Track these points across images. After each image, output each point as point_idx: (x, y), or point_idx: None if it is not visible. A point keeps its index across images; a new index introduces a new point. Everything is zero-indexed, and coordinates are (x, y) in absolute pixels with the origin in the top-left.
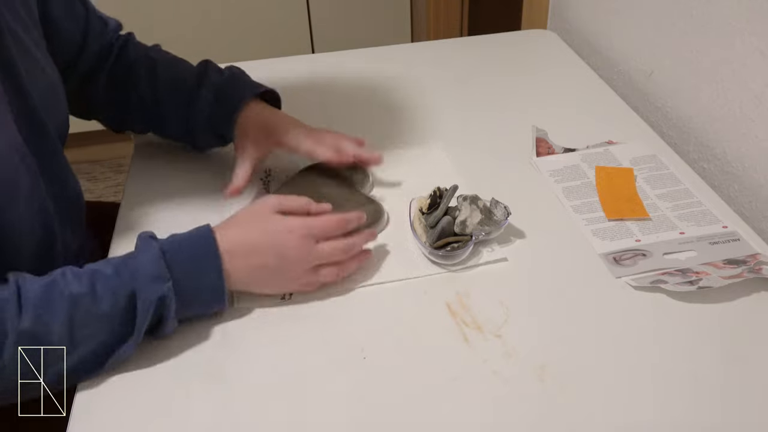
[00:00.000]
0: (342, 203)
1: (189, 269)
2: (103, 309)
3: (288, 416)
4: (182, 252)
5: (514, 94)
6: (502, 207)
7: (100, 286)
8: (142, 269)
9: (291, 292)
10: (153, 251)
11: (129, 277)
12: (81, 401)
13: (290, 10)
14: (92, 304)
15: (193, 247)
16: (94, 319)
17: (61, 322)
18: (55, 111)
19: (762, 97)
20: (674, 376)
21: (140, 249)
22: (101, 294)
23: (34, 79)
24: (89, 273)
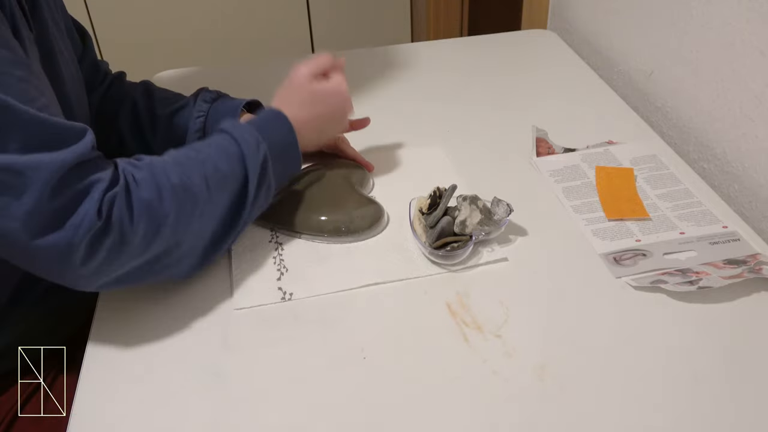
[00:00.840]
0: (342, 203)
1: (272, 135)
2: (224, 170)
3: (288, 416)
4: (263, 123)
5: (514, 94)
6: (504, 204)
7: (214, 152)
8: (242, 138)
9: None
10: (244, 125)
11: (234, 144)
12: (81, 401)
13: (290, 10)
14: (215, 165)
15: (270, 119)
16: (221, 177)
17: (199, 176)
18: (82, 103)
19: (762, 97)
20: (674, 376)
21: (232, 128)
22: (217, 158)
23: (68, 70)
24: (201, 146)
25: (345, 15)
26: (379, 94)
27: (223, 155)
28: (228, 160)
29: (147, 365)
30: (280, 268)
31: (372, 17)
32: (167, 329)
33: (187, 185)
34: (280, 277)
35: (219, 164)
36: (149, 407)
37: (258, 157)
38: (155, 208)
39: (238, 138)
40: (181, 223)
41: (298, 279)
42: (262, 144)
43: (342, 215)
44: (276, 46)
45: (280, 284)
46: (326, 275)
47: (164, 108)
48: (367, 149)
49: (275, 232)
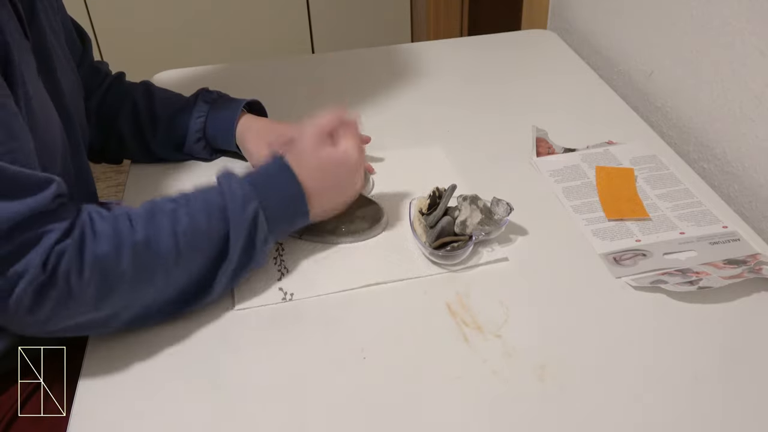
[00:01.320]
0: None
1: (271, 188)
2: (201, 225)
3: (288, 416)
4: (261, 175)
5: (514, 94)
6: (504, 204)
7: (193, 204)
8: (229, 191)
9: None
10: (235, 177)
11: (219, 197)
12: (81, 401)
13: (290, 10)
14: (191, 219)
15: (271, 170)
16: (194, 233)
17: (168, 234)
18: (79, 110)
19: (762, 97)
20: (674, 376)
21: (222, 178)
22: (196, 211)
23: (66, 78)
24: (182, 196)
25: (345, 15)
26: (379, 94)
27: (204, 209)
28: (208, 216)
29: (147, 365)
30: (281, 268)
31: (372, 17)
32: (167, 329)
33: (152, 242)
34: (281, 277)
35: (197, 219)
36: (149, 407)
37: (244, 215)
38: (110, 265)
39: (225, 191)
40: (140, 282)
41: (299, 279)
42: (253, 201)
43: (342, 216)
44: (276, 46)
45: (280, 285)
46: (327, 276)
47: (164, 109)
48: (367, 149)
49: None
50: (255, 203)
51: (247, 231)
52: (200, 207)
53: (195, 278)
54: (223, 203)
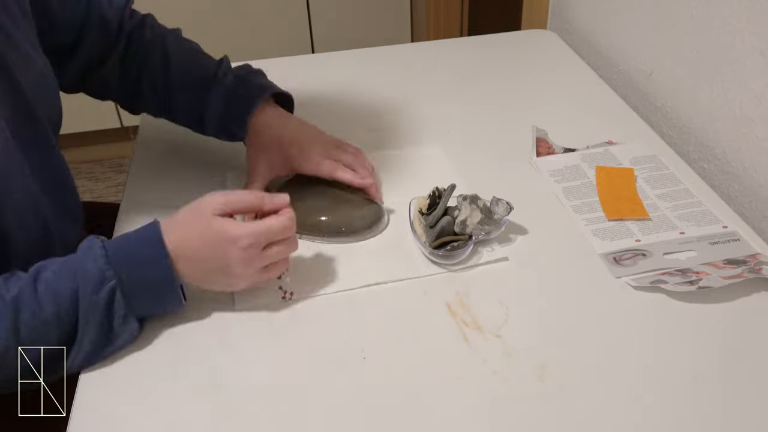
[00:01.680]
0: (342, 204)
1: (134, 266)
2: (46, 314)
3: (288, 416)
4: (128, 248)
5: (514, 94)
6: (504, 203)
7: (42, 288)
8: (83, 269)
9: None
10: (95, 250)
11: (71, 278)
12: (81, 401)
13: (290, 10)
14: (36, 308)
15: (140, 243)
16: (39, 323)
17: (7, 329)
18: (47, 103)
19: (762, 97)
20: (674, 376)
21: (82, 248)
22: (43, 297)
23: (25, 73)
24: (32, 275)
25: (345, 15)
26: (379, 94)
27: (51, 296)
28: (55, 303)
29: (147, 365)
30: None
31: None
32: (167, 329)
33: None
34: (280, 276)
35: (42, 308)
36: (149, 407)
37: (98, 295)
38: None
39: (78, 269)
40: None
41: (299, 279)
42: (109, 282)
43: (342, 216)
44: (276, 46)
45: (280, 284)
46: (327, 275)
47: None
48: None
49: None
50: (111, 283)
51: (101, 313)
52: (48, 293)
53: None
54: (74, 286)
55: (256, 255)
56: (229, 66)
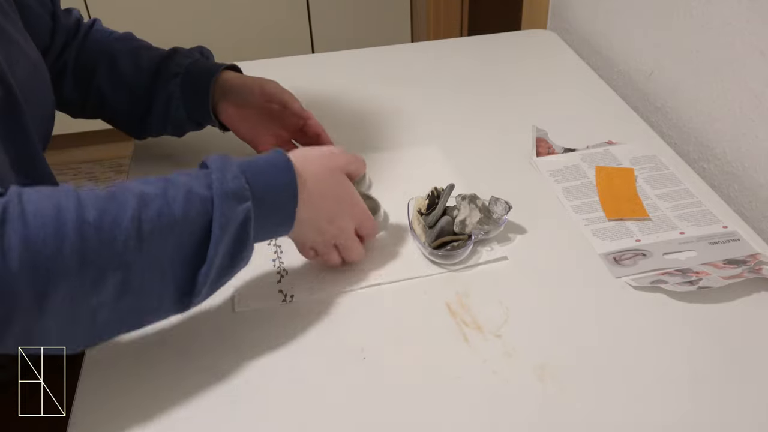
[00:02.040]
0: None
1: (269, 191)
2: (175, 213)
3: (288, 416)
4: (264, 174)
5: (513, 94)
6: (502, 203)
7: (172, 191)
8: (222, 182)
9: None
10: (231, 169)
11: (206, 187)
12: (81, 401)
13: (290, 10)
14: (164, 205)
15: (274, 170)
16: (166, 222)
17: (130, 218)
18: (38, 96)
19: (762, 97)
20: (674, 376)
21: (215, 163)
22: (173, 197)
23: (15, 65)
24: (161, 179)
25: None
26: (379, 94)
27: (184, 197)
28: (187, 204)
29: (147, 366)
30: (280, 270)
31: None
32: (167, 329)
33: (106, 226)
34: (280, 279)
35: (172, 207)
36: (149, 408)
37: (234, 215)
38: (45, 253)
39: (215, 183)
40: (90, 278)
41: (299, 281)
42: (246, 201)
43: None
44: (276, 46)
45: (280, 287)
46: (327, 277)
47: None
48: (367, 149)
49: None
50: (248, 204)
51: (235, 232)
52: (180, 194)
53: (166, 276)
54: (210, 195)
55: (351, 228)
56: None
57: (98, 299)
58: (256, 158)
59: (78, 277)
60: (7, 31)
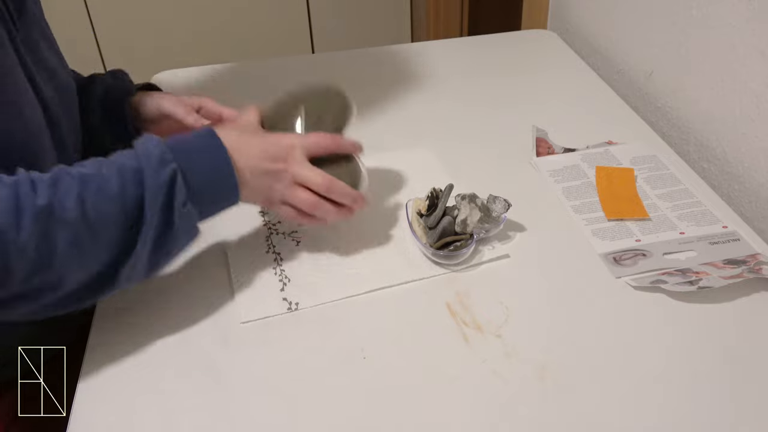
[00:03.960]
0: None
1: (192, 153)
2: (112, 189)
3: (288, 416)
4: (185, 141)
5: (514, 94)
6: (501, 200)
7: (106, 168)
8: (145, 151)
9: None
10: (154, 139)
11: (133, 157)
12: (81, 401)
13: (290, 10)
14: (102, 183)
15: (196, 138)
16: (106, 198)
17: (74, 199)
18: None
19: (762, 97)
20: (674, 376)
21: (139, 140)
22: (108, 174)
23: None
24: (95, 160)
25: (345, 15)
26: (379, 94)
27: (116, 172)
28: (121, 179)
29: (146, 366)
30: (282, 278)
31: (372, 17)
32: (167, 330)
33: (56, 208)
34: (283, 287)
35: (108, 183)
36: (149, 408)
37: (160, 177)
38: (9, 236)
39: (140, 152)
40: (47, 255)
41: (302, 288)
42: (170, 163)
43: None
44: (276, 46)
45: (284, 294)
46: (329, 283)
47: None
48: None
49: (271, 240)
50: (173, 165)
51: (164, 193)
52: (112, 170)
53: (112, 246)
54: (138, 165)
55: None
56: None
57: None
58: (183, 135)
59: (36, 256)
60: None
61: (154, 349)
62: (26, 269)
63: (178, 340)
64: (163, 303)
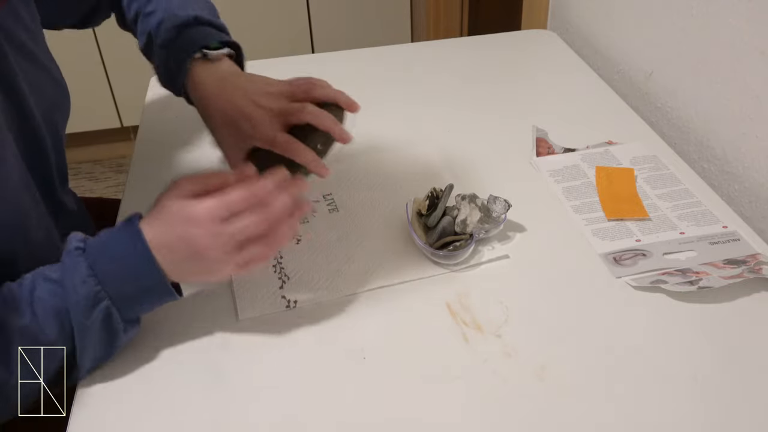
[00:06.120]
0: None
1: (126, 279)
2: (50, 337)
3: (288, 416)
4: (111, 259)
5: (514, 93)
6: (501, 201)
7: (40, 311)
8: (73, 290)
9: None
10: (81, 269)
11: (62, 298)
12: (81, 401)
13: (290, 10)
14: (41, 335)
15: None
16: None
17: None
18: (59, 121)
19: (762, 97)
20: (674, 376)
21: (68, 266)
22: (43, 321)
23: (39, 90)
24: (28, 294)
25: (345, 15)
26: (379, 94)
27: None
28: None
29: (147, 366)
30: (281, 276)
31: (372, 17)
32: (167, 330)
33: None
34: (282, 285)
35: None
36: (149, 408)
37: (92, 318)
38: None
39: (69, 289)
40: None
41: (301, 286)
42: (102, 301)
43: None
44: (276, 46)
45: (283, 292)
46: (328, 281)
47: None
48: (366, 149)
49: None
50: (105, 303)
51: (99, 331)
52: (50, 316)
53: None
54: (66, 306)
55: (221, 229)
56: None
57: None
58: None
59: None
60: (36, 55)
61: (153, 348)
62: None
63: (177, 338)
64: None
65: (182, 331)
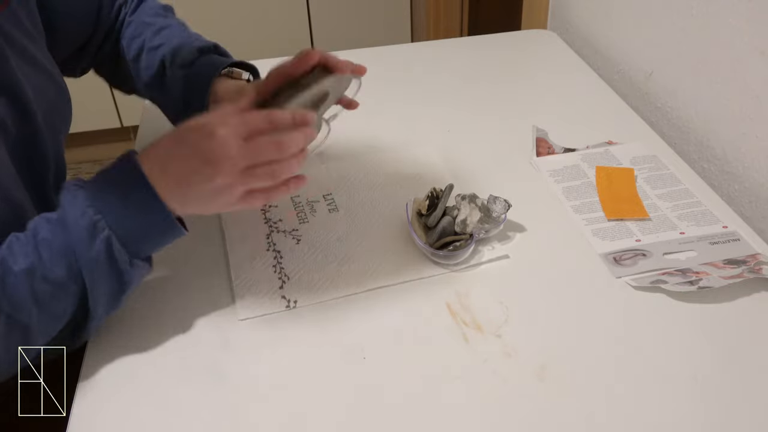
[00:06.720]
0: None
1: (123, 210)
2: (57, 275)
3: (288, 416)
4: (110, 191)
5: (514, 94)
6: (501, 201)
7: (46, 254)
8: (74, 224)
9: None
10: (79, 204)
11: (66, 235)
12: (81, 401)
13: (290, 10)
14: (47, 272)
15: (122, 186)
16: (55, 286)
17: (25, 298)
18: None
19: (762, 97)
20: (674, 376)
21: (66, 203)
22: (48, 260)
23: (41, 93)
24: (32, 237)
25: (345, 15)
26: (379, 94)
27: (58, 253)
28: (63, 260)
29: (146, 365)
30: (281, 276)
31: (372, 17)
32: (166, 329)
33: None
34: (282, 285)
35: (52, 269)
36: (149, 408)
37: (93, 250)
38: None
39: (70, 224)
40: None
41: (301, 286)
42: (102, 231)
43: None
44: (276, 46)
45: (283, 292)
46: (328, 281)
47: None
48: (366, 149)
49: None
50: (105, 233)
51: (105, 262)
52: (54, 255)
53: (68, 315)
54: (69, 244)
55: (236, 143)
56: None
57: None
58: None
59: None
60: (37, 59)
61: (153, 348)
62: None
63: (177, 338)
64: (162, 302)
65: (182, 331)
